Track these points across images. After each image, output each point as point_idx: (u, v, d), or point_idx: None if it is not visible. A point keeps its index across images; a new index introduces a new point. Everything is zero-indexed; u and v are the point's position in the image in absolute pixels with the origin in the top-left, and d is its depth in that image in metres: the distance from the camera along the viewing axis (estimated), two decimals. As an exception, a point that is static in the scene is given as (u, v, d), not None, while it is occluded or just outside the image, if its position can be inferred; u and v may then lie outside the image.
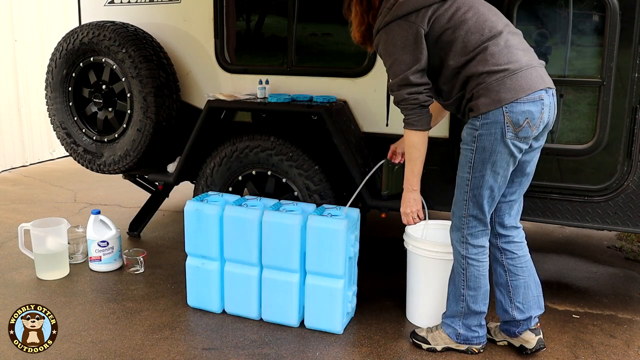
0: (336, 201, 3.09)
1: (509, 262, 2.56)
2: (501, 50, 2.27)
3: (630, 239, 4.19)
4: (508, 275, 2.56)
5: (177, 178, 3.45)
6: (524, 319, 2.55)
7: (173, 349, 2.63)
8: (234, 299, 2.94)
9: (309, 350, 2.64)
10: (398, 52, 2.32)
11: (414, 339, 2.68)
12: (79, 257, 3.66)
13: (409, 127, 2.40)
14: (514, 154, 2.33)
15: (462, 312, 2.56)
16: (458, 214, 2.47)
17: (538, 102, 2.28)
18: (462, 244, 2.49)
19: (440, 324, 2.67)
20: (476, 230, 2.46)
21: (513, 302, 2.56)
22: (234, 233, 2.87)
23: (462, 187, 2.43)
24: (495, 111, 2.26)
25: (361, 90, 3.20)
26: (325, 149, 3.17)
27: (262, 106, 3.20)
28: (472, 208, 2.42)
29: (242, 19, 3.64)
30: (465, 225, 2.46)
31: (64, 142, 3.78)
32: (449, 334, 2.61)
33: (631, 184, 2.77)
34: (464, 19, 2.30)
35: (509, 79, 2.25)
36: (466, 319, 2.57)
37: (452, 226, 2.54)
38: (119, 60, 3.43)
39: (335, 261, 2.71)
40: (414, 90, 2.33)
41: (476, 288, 2.51)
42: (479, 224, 2.46)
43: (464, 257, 2.49)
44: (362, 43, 2.58)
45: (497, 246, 2.58)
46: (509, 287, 2.57)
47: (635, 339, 2.79)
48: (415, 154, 2.43)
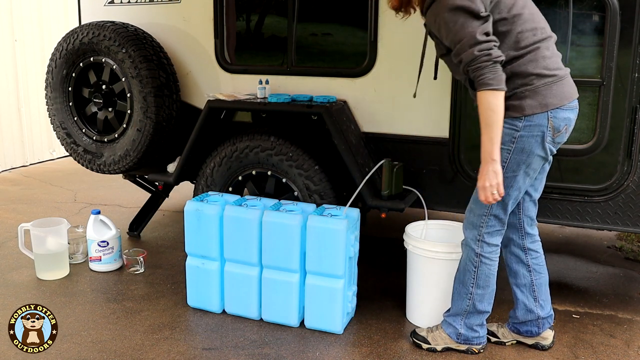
0: (336, 201, 3.09)
1: (534, 262, 2.59)
2: (552, 55, 2.30)
3: (630, 239, 4.19)
4: (532, 275, 2.58)
5: (177, 178, 3.45)
6: (545, 316, 2.60)
7: (173, 349, 2.63)
8: (234, 299, 2.94)
9: (309, 350, 2.64)
10: (462, 16, 2.20)
11: (414, 338, 2.68)
12: (79, 257, 3.66)
13: (484, 88, 2.21)
14: (547, 157, 2.37)
15: (466, 311, 2.55)
16: (478, 212, 2.44)
17: (575, 110, 2.36)
18: (478, 242, 2.47)
19: (441, 323, 2.67)
20: (494, 230, 2.46)
21: (537, 301, 2.59)
22: (234, 233, 2.87)
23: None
24: (540, 115, 2.27)
25: (361, 90, 3.20)
26: (325, 149, 3.17)
27: (262, 106, 3.20)
28: (496, 207, 2.41)
29: (242, 19, 3.64)
30: (485, 224, 2.44)
31: (64, 142, 3.78)
32: (449, 334, 2.61)
33: (631, 184, 2.77)
34: (520, 14, 2.27)
35: (556, 85, 2.29)
36: (469, 318, 2.57)
37: (467, 224, 2.51)
38: (119, 60, 3.43)
39: (335, 261, 2.71)
40: (484, 46, 2.20)
41: (485, 287, 2.51)
42: (498, 223, 2.45)
43: (478, 255, 2.47)
44: (398, 8, 2.48)
45: (523, 246, 2.58)
46: (533, 286, 2.59)
47: (635, 339, 2.79)
48: (493, 118, 2.22)
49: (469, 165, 3.03)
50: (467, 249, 2.52)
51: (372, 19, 3.09)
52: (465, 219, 2.53)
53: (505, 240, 2.60)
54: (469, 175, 3.04)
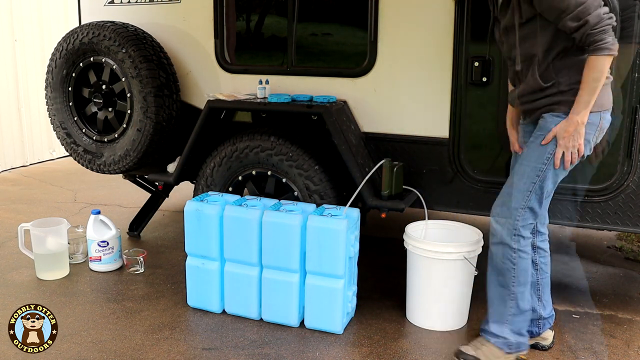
0: (336, 201, 3.09)
1: (541, 261, 2.58)
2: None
3: (630, 239, 4.19)
4: (539, 274, 2.58)
5: (177, 178, 3.45)
6: (547, 316, 2.61)
7: (173, 349, 2.63)
8: (234, 299, 2.94)
9: (309, 350, 2.64)
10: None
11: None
12: (79, 257, 3.66)
13: (603, 53, 2.17)
14: (584, 157, 2.37)
15: (510, 314, 2.44)
16: (515, 206, 2.37)
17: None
18: (514, 236, 2.38)
19: (485, 336, 2.51)
20: (527, 223, 2.39)
21: (541, 300, 2.59)
22: (234, 233, 2.87)
23: (531, 177, 2.35)
24: (595, 114, 2.29)
25: (361, 90, 3.20)
26: (325, 149, 3.17)
27: (262, 106, 3.20)
28: (533, 199, 2.36)
29: (242, 19, 3.64)
30: (520, 217, 2.37)
31: (64, 142, 3.78)
32: (500, 346, 2.46)
33: (631, 184, 2.77)
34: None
35: (608, 89, 2.34)
36: (514, 322, 2.45)
37: (499, 220, 2.42)
38: (119, 60, 3.43)
39: (335, 261, 2.71)
40: (607, 9, 2.17)
41: (525, 283, 2.43)
42: (532, 216, 2.39)
43: (515, 250, 2.39)
44: None
45: (533, 244, 2.54)
46: (538, 285, 2.58)
47: (635, 339, 2.79)
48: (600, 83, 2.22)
49: (469, 165, 3.03)
50: (501, 247, 2.41)
51: (372, 19, 3.09)
52: (494, 218, 2.44)
53: None
54: (469, 175, 3.04)
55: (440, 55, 2.99)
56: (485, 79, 2.92)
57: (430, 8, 2.98)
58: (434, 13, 2.98)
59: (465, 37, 2.92)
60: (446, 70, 2.99)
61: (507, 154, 2.74)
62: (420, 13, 3.01)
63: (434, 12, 2.97)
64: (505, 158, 2.89)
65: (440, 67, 3.00)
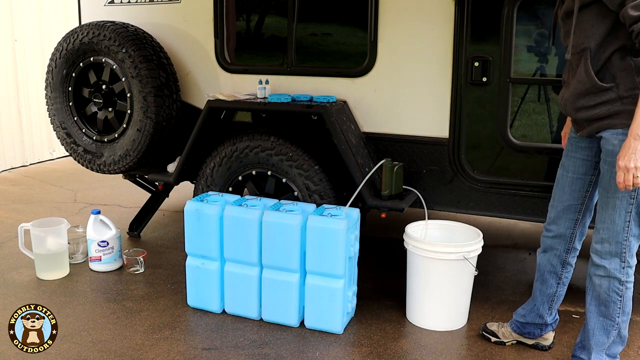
0: (336, 201, 3.09)
1: (566, 276, 2.53)
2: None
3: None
4: (559, 287, 2.54)
5: (177, 178, 3.45)
6: (551, 322, 2.61)
7: (173, 349, 2.63)
8: (234, 299, 2.94)
9: (309, 350, 2.64)
10: None
11: None
12: (79, 257, 3.66)
13: None
14: None
15: (611, 343, 2.33)
16: (618, 239, 2.20)
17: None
18: (623, 269, 2.23)
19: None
20: (634, 249, 2.24)
21: (552, 309, 2.58)
22: (234, 233, 2.87)
23: (624, 207, 2.17)
24: None
25: (361, 90, 3.20)
26: (325, 149, 3.17)
27: (262, 106, 3.20)
28: (634, 228, 2.20)
29: (242, 19, 3.64)
30: (627, 249, 2.21)
31: (64, 142, 3.78)
32: None
33: (631, 184, 2.77)
34: None
35: None
36: (611, 348, 2.34)
37: (604, 254, 2.24)
38: (119, 60, 3.43)
39: (335, 261, 2.71)
40: None
41: (629, 312, 2.30)
42: (636, 240, 2.23)
43: (623, 282, 2.24)
44: None
45: (564, 260, 2.49)
46: (554, 296, 2.56)
47: (635, 339, 2.79)
48: None
49: (469, 165, 3.03)
50: (609, 281, 2.25)
51: (372, 19, 3.10)
52: (597, 255, 2.27)
53: (546, 246, 2.51)
54: (469, 175, 3.04)
55: (440, 55, 2.99)
56: (485, 79, 2.92)
57: (430, 8, 2.98)
58: (434, 13, 2.98)
59: (465, 37, 2.92)
60: (446, 70, 2.99)
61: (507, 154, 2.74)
62: (420, 13, 3.01)
63: (434, 12, 2.98)
64: (505, 158, 2.89)
65: (440, 67, 3.00)
